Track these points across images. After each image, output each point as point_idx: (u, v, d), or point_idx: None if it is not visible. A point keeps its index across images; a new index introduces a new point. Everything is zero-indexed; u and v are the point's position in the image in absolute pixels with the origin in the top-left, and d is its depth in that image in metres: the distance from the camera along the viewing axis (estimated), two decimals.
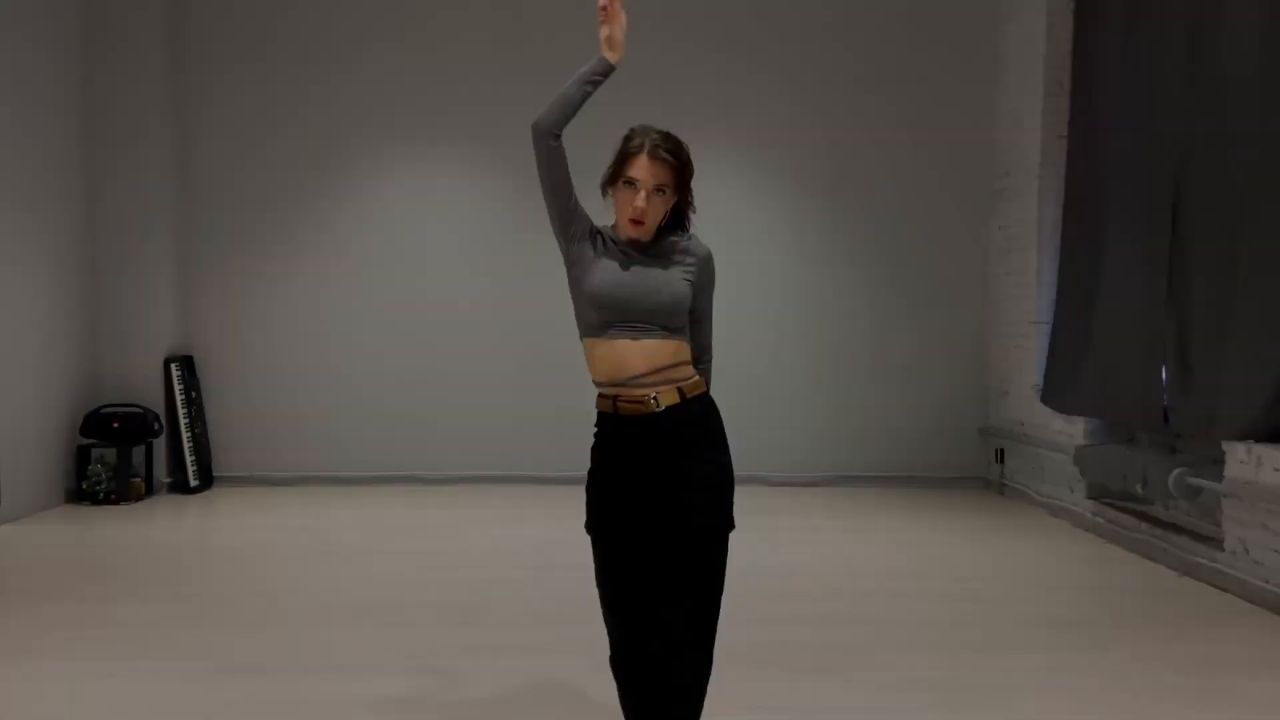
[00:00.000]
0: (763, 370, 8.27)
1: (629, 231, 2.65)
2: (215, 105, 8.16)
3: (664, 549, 2.60)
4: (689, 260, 2.69)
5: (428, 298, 8.26)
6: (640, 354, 2.61)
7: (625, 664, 2.68)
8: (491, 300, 8.23)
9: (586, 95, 2.68)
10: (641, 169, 2.59)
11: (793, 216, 8.37)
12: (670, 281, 2.64)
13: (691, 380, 2.67)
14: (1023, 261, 7.76)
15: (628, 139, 2.64)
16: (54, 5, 7.26)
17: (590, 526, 2.71)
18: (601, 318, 2.63)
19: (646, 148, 2.60)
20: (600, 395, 2.71)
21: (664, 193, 2.62)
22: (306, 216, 8.26)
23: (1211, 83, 5.71)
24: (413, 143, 8.28)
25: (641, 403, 2.62)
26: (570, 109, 2.66)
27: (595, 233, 2.71)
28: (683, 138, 2.70)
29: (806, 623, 4.70)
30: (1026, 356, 7.70)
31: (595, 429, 2.74)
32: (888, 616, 4.83)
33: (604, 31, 2.67)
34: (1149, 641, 4.50)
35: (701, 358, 2.78)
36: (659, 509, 2.61)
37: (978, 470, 8.36)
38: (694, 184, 2.72)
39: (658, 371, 2.62)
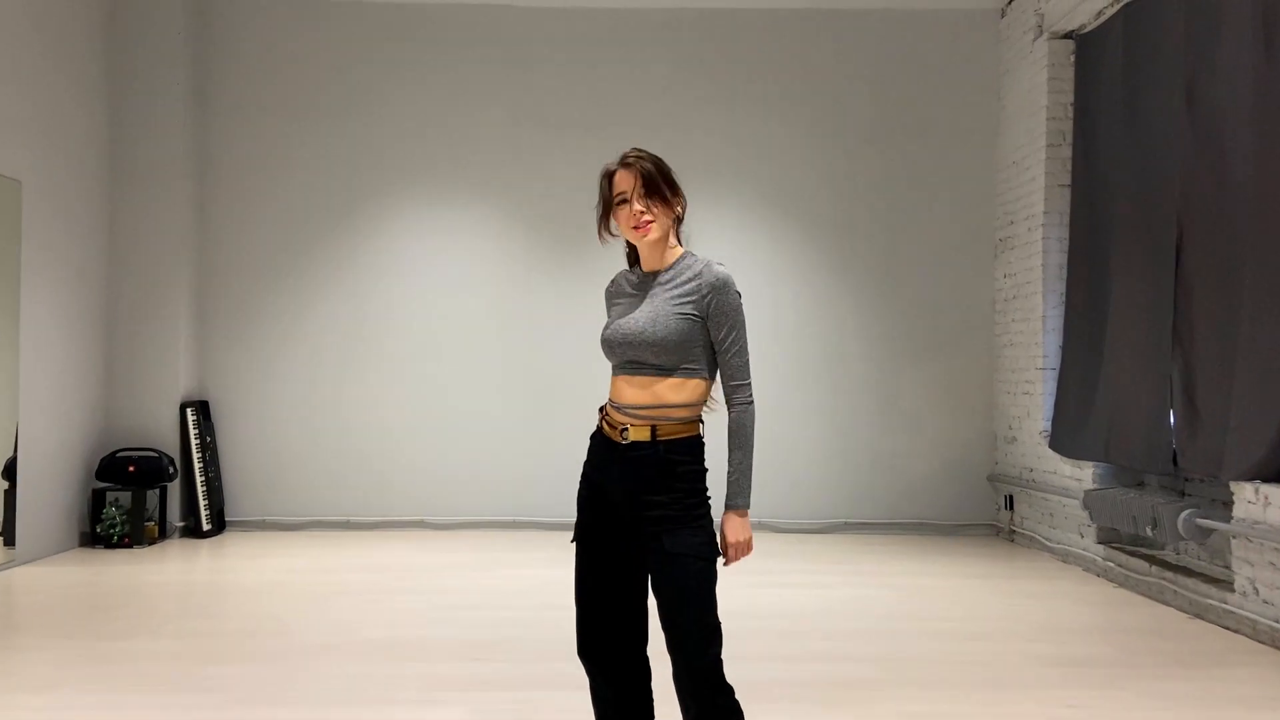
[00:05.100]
0: (773, 416, 8.29)
1: (638, 239, 2.69)
2: (233, 159, 8.35)
3: (624, 571, 2.69)
4: (692, 290, 2.64)
5: (437, 347, 8.36)
6: (633, 390, 2.66)
7: (586, 664, 2.74)
8: (501, 350, 8.32)
9: None
10: (621, 180, 2.66)
11: (805, 265, 8.47)
12: (657, 320, 2.62)
13: (672, 423, 2.63)
14: (1028, 308, 7.84)
15: (603, 173, 2.72)
16: (80, 55, 7.49)
17: (574, 538, 2.78)
18: (611, 359, 2.73)
19: (619, 162, 2.68)
20: (601, 409, 2.79)
21: (655, 197, 2.65)
22: (320, 268, 8.39)
23: (1209, 127, 5.82)
24: (423, 194, 8.42)
25: (616, 429, 2.69)
26: None
27: (612, 293, 2.81)
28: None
29: (816, 660, 4.70)
30: (1034, 402, 7.74)
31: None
32: (898, 654, 4.83)
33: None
34: (1158, 680, 4.49)
35: (730, 397, 2.69)
36: (619, 532, 2.68)
37: (986, 517, 8.37)
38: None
39: (645, 408, 2.63)
